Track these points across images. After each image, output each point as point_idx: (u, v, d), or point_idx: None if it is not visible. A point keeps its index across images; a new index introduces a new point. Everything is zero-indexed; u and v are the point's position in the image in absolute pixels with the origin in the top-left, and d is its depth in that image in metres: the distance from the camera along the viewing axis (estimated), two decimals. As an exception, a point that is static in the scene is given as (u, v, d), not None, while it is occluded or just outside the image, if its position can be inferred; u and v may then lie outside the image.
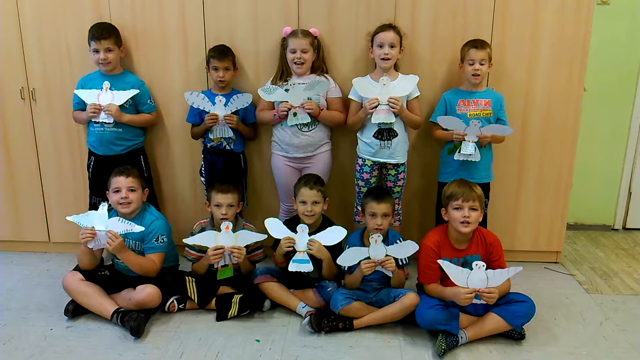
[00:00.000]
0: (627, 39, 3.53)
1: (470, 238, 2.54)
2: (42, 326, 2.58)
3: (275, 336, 2.51)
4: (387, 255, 2.49)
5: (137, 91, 2.94)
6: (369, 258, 2.49)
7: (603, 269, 3.25)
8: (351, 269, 2.58)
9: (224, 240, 2.62)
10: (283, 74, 2.94)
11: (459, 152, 2.75)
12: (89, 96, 2.91)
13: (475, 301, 2.34)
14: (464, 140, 2.73)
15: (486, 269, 2.34)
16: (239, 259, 2.63)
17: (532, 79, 3.01)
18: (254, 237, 2.68)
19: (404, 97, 2.80)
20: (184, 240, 2.68)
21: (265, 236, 2.69)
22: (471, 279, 2.34)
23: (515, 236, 3.23)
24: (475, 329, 2.45)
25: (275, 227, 2.67)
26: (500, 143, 2.91)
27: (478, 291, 2.31)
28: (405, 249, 2.53)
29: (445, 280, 2.46)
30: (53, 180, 3.28)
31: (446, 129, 2.83)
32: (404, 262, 2.60)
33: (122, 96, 2.90)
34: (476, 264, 2.34)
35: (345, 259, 2.53)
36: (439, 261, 2.40)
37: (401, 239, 2.63)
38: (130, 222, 2.56)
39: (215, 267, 2.65)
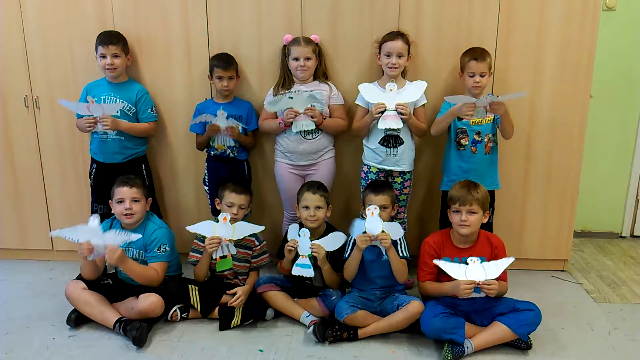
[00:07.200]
0: (633, 45, 3.51)
1: (475, 239, 2.55)
2: (45, 335, 2.57)
3: (278, 346, 2.49)
4: (383, 231, 2.48)
5: (125, 103, 2.91)
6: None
7: (611, 277, 3.21)
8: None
9: (222, 231, 2.64)
10: (285, 81, 2.93)
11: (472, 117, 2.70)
12: (77, 108, 2.88)
13: (474, 295, 2.34)
14: (475, 108, 2.66)
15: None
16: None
17: (538, 86, 2.98)
18: (251, 228, 2.68)
19: (411, 103, 2.78)
20: (187, 228, 2.68)
21: (263, 227, 2.70)
22: (469, 272, 2.35)
23: (522, 244, 3.20)
24: (481, 338, 2.42)
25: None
26: (508, 138, 2.84)
27: (478, 284, 2.31)
28: (399, 229, 2.55)
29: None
30: (57, 188, 3.28)
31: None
32: (404, 253, 2.59)
33: (111, 108, 2.84)
34: (471, 259, 2.37)
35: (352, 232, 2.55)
36: (435, 261, 2.42)
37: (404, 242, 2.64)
38: (127, 231, 2.51)
39: (214, 257, 2.65)
